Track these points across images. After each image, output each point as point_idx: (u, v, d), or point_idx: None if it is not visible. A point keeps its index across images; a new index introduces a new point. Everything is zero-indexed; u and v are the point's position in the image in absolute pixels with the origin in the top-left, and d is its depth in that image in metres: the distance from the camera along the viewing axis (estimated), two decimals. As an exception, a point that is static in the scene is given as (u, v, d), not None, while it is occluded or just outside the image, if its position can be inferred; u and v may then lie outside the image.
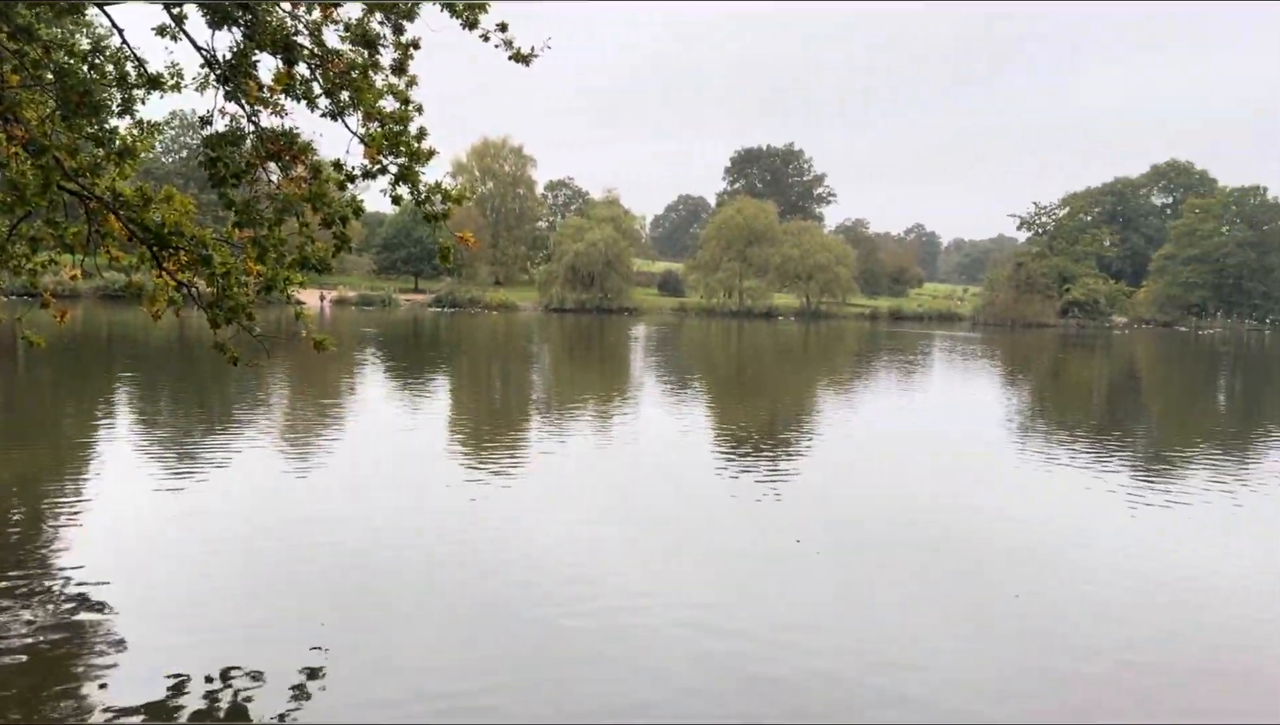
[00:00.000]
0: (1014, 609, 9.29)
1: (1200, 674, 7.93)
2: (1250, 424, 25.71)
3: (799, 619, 8.85)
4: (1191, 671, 7.97)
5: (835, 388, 30.53)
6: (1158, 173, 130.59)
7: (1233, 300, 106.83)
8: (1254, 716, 7.20)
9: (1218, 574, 10.66)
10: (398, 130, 7.89)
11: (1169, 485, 15.45)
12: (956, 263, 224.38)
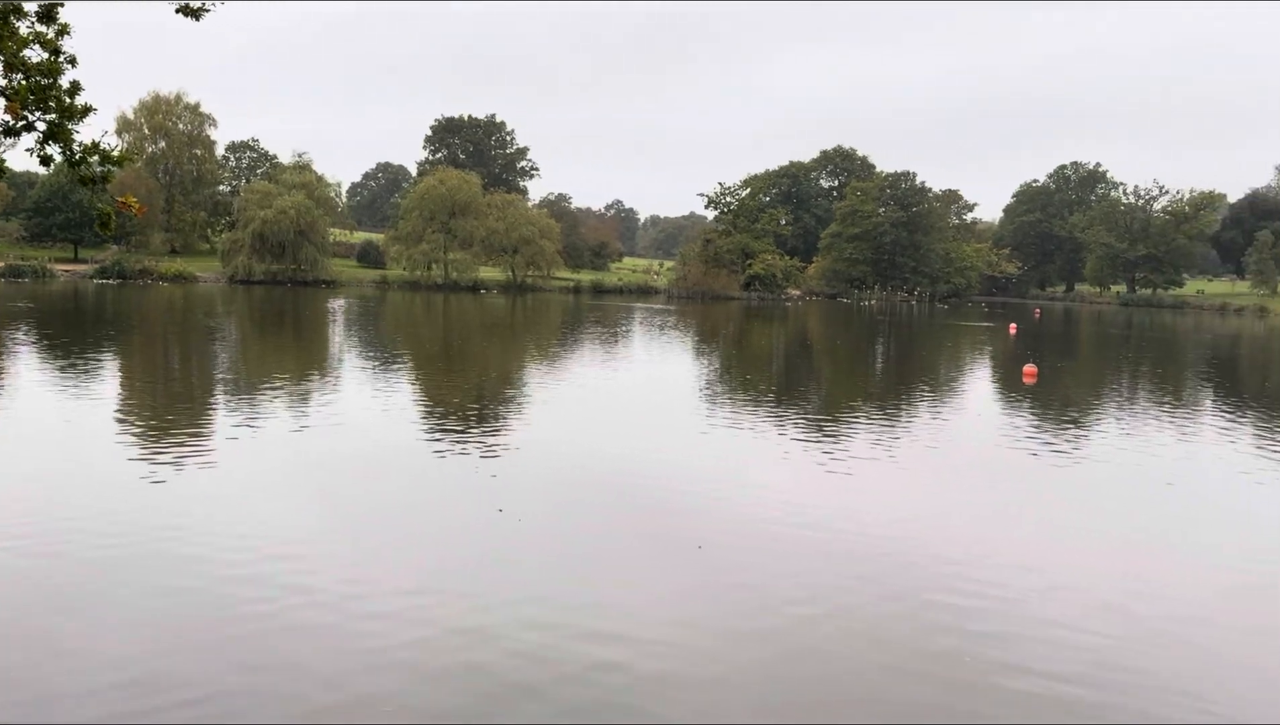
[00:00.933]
0: (700, 561, 9.97)
1: (878, 608, 8.91)
2: (903, 382, 29.10)
3: (507, 594, 8.96)
4: (871, 605, 8.93)
5: (542, 360, 31.00)
6: (826, 158, 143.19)
7: (888, 274, 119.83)
8: (931, 642, 8.21)
9: (880, 516, 12.03)
10: (46, 83, 7.00)
11: (837, 440, 17.17)
12: (653, 238, 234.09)
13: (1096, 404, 25.56)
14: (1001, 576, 9.84)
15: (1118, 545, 11.39)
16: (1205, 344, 55.42)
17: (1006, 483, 14.87)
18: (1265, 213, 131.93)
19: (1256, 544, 11.75)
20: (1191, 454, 18.04)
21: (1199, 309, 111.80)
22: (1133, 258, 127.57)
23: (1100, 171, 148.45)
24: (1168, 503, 13.88)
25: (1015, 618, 8.74)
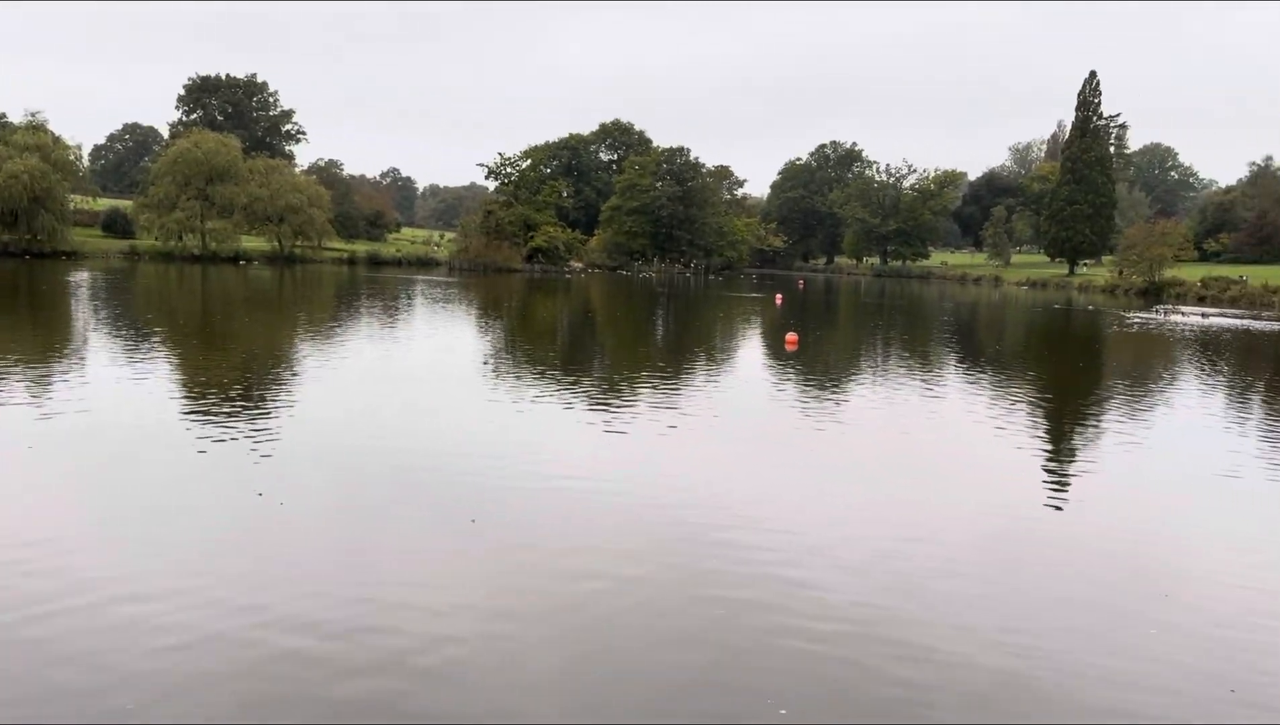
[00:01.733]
0: (479, 535, 9.93)
1: (662, 576, 9.16)
2: (682, 352, 30.04)
3: (262, 580, 8.56)
4: (655, 574, 9.17)
5: (315, 335, 29.62)
6: (605, 131, 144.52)
7: (667, 247, 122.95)
8: (705, 609, 8.52)
9: (661, 483, 12.39)
10: None
11: (621, 410, 17.51)
12: (433, 208, 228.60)
13: (854, 367, 27.42)
14: (777, 540, 10.34)
15: (885, 501, 12.27)
16: (948, 311, 60.64)
17: (780, 446, 15.68)
18: (999, 190, 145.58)
19: (1007, 493, 13.02)
20: (938, 409, 19.73)
21: (943, 279, 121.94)
22: (885, 232, 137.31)
23: (857, 151, 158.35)
24: (927, 458, 15.10)
25: (793, 577, 9.25)
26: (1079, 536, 10.88)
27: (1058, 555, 10.19)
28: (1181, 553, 10.51)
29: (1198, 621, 8.43)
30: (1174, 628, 8.25)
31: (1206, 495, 13.18)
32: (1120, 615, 8.49)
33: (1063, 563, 9.93)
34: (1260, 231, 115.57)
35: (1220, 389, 25.58)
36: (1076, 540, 10.72)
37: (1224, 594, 9.14)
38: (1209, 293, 78.43)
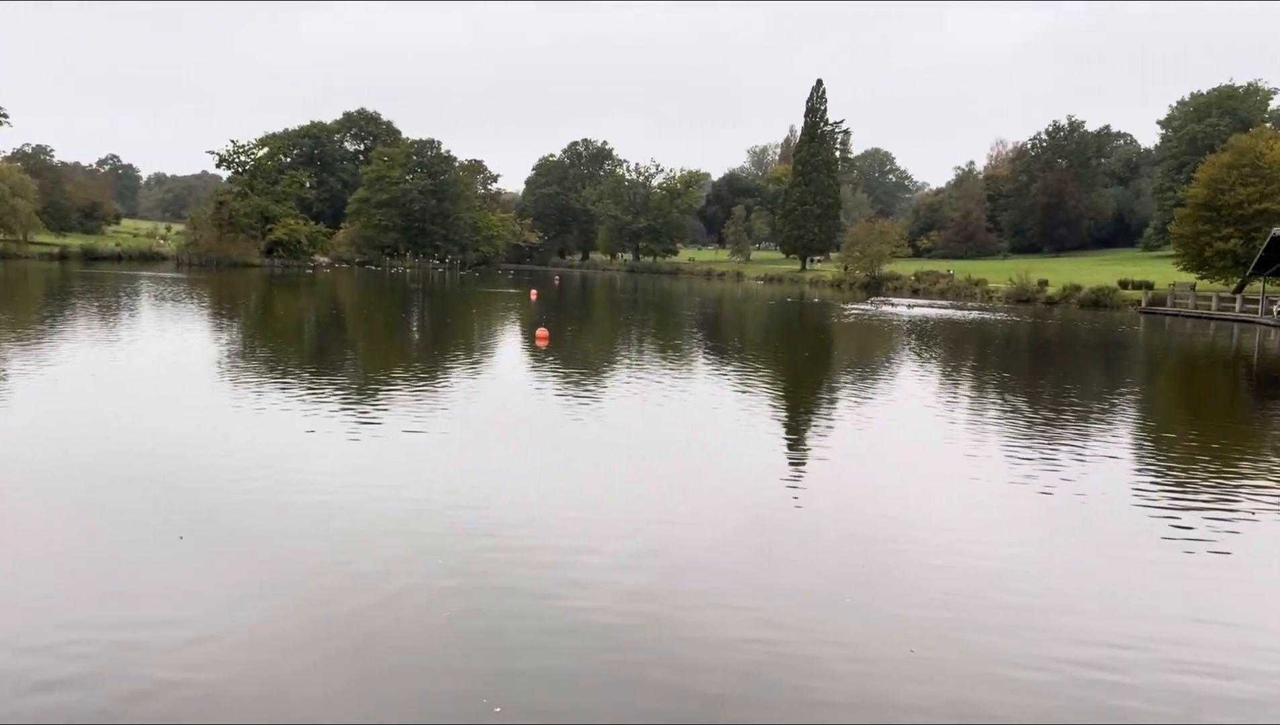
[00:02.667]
0: (213, 548, 9.28)
1: (407, 571, 8.88)
2: (437, 349, 29.43)
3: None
4: (400, 571, 8.88)
5: (20, 340, 26.46)
6: (350, 120, 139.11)
7: (420, 241, 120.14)
8: (475, 619, 8.34)
9: (418, 486, 12.05)
10: None
11: (374, 412, 16.88)
12: (159, 199, 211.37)
13: (609, 362, 27.98)
14: (539, 540, 10.33)
15: (647, 493, 12.55)
16: (696, 305, 63.26)
17: (535, 444, 15.69)
18: (739, 190, 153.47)
19: (756, 482, 13.69)
20: (688, 399, 20.49)
21: (691, 274, 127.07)
22: (637, 228, 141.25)
23: (608, 149, 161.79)
24: (680, 450, 15.60)
25: (561, 576, 9.27)
26: (822, 523, 11.63)
27: (805, 539, 10.85)
28: (913, 526, 11.48)
29: (928, 596, 9.24)
30: (907, 602, 9.00)
31: (931, 472, 14.49)
32: (860, 597, 9.15)
33: (810, 546, 10.58)
34: (965, 230, 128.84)
35: (932, 371, 28.26)
36: (821, 525, 11.45)
37: (953, 569, 10.08)
38: (921, 286, 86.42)
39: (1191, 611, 8.80)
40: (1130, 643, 7.97)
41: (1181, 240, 70.74)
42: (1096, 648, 7.80)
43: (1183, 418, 22.09)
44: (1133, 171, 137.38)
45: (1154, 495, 13.07)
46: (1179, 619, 8.60)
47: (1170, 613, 8.76)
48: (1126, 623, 8.43)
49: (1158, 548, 10.70)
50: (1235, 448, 17.31)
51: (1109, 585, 9.48)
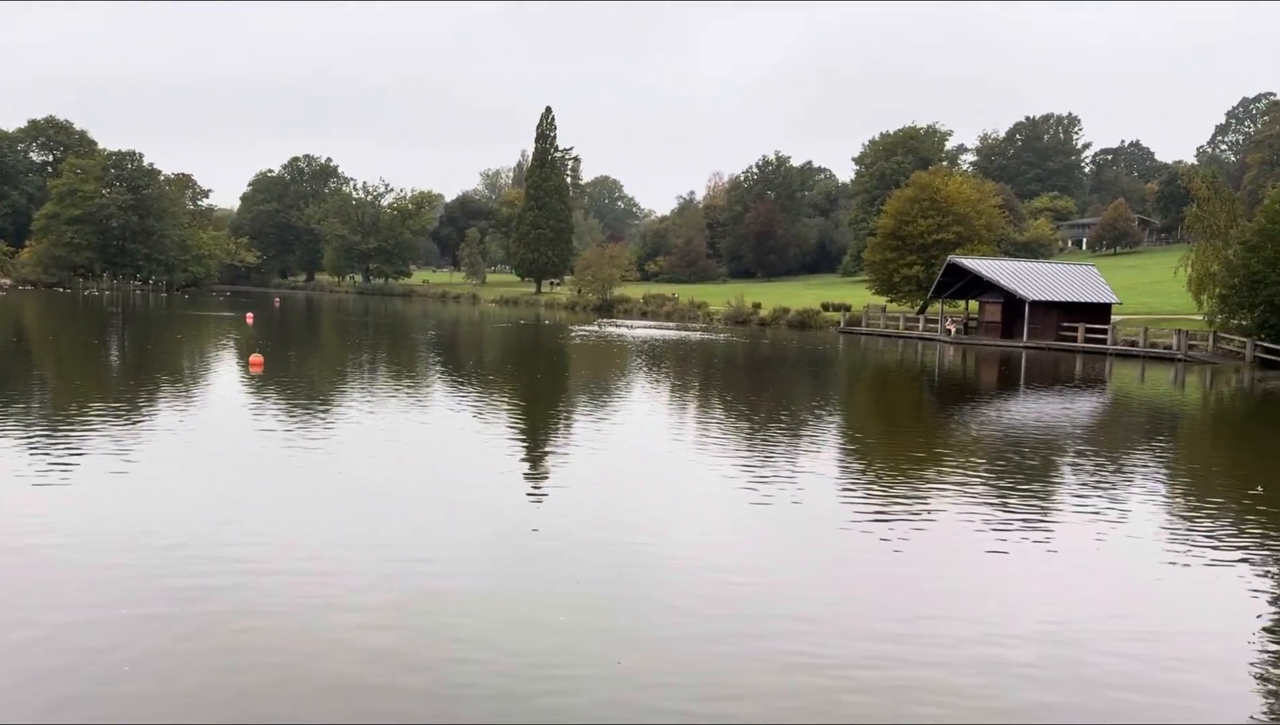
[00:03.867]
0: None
1: (171, 628, 8.19)
2: (138, 378, 27.07)
3: None
4: (131, 621, 8.17)
5: None
6: (36, 129, 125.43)
7: (119, 261, 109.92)
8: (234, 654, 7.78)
9: (146, 527, 11.10)
10: None
11: (68, 450, 15.34)
12: None
13: (335, 387, 26.98)
14: (274, 579, 9.86)
15: (384, 523, 12.24)
16: (431, 327, 62.29)
17: (264, 477, 14.89)
18: (473, 213, 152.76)
19: (500, 503, 13.70)
20: (424, 420, 20.21)
21: (425, 297, 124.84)
22: (366, 249, 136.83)
23: (332, 166, 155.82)
24: (420, 475, 15.34)
25: (307, 606, 8.88)
26: (573, 535, 11.89)
27: (561, 555, 11.05)
28: (656, 539, 11.99)
29: (690, 600, 9.70)
30: (670, 610, 9.41)
31: (668, 485, 15.18)
32: (620, 611, 9.46)
33: (567, 562, 10.78)
34: (688, 256, 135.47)
35: (661, 390, 29.58)
36: (572, 539, 11.70)
37: (710, 574, 10.64)
38: (650, 308, 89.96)
39: (908, 602, 9.85)
40: (857, 640, 8.81)
41: (873, 266, 78.19)
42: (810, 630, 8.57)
43: (879, 425, 24.53)
44: (832, 204, 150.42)
45: (860, 497, 14.45)
46: (892, 608, 9.61)
47: (883, 604, 9.77)
48: (852, 621, 9.30)
49: (869, 546, 11.86)
50: (925, 450, 19.46)
51: (830, 587, 10.41)
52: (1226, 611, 9.75)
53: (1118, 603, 9.95)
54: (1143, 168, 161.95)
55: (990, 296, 60.02)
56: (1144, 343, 50.59)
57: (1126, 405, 32.15)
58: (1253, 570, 11.07)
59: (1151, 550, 11.93)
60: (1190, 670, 8.21)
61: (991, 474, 16.48)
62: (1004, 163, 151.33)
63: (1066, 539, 12.31)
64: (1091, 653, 8.38)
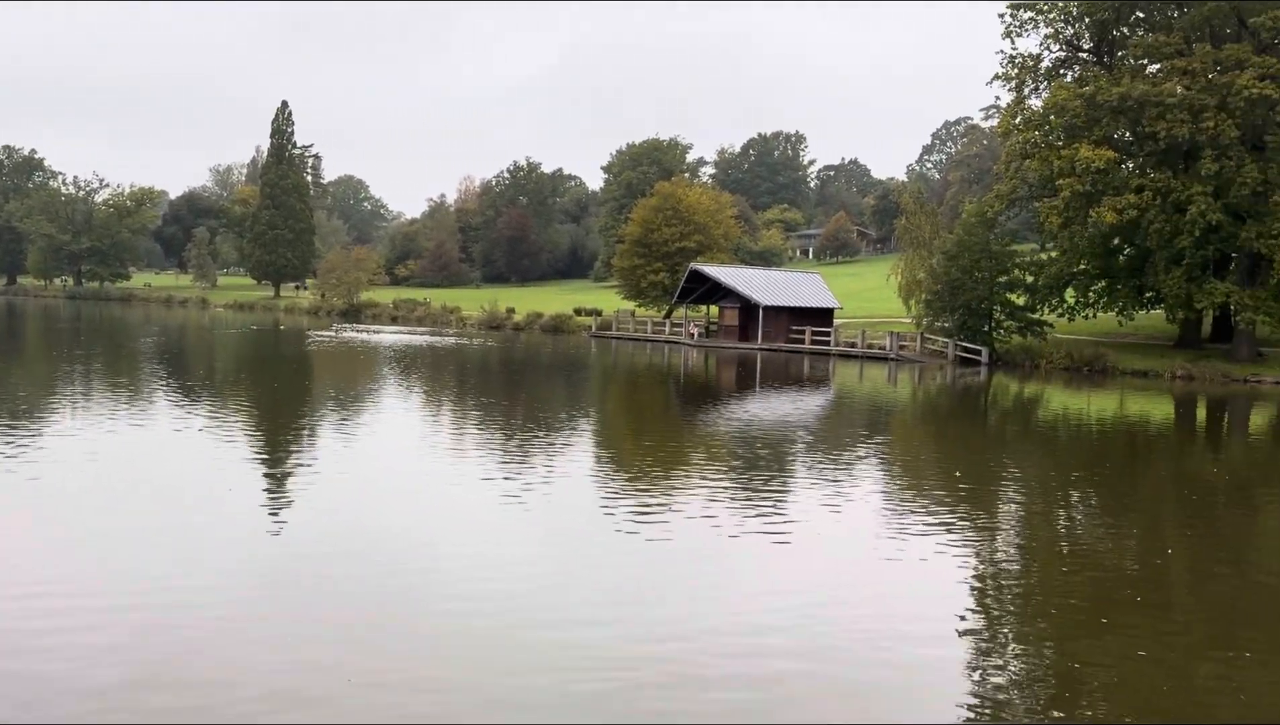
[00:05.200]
0: None
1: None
2: None
3: None
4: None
5: None
6: None
7: None
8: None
9: None
10: None
11: None
12: None
13: (43, 400, 24.44)
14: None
15: (115, 546, 11.26)
16: (153, 334, 57.48)
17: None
18: (201, 211, 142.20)
19: (252, 525, 12.92)
20: (142, 436, 18.72)
21: (147, 301, 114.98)
22: (78, 250, 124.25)
23: (37, 159, 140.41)
24: (135, 492, 14.21)
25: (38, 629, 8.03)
26: (320, 548, 11.45)
27: (309, 569, 10.61)
28: (419, 547, 11.77)
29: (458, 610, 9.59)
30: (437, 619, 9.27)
31: (423, 494, 14.95)
32: (386, 623, 9.23)
33: (315, 577, 10.37)
34: (439, 259, 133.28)
35: (415, 396, 29.01)
36: (319, 552, 11.26)
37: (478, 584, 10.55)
38: (400, 313, 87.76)
39: (669, 597, 10.29)
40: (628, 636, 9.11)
41: (622, 273, 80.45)
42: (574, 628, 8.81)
43: (630, 425, 25.35)
44: (583, 210, 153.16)
45: (615, 497, 14.92)
46: (642, 599, 10.02)
47: (643, 599, 10.17)
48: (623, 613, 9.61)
49: (626, 545, 12.29)
50: (673, 448, 20.33)
51: (590, 586, 10.69)
52: (942, 590, 10.96)
53: (852, 586, 10.92)
54: (861, 183, 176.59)
55: (729, 302, 63.37)
56: (862, 344, 55.28)
57: (848, 402, 35.07)
58: (961, 549, 12.50)
59: (879, 534, 13.17)
60: (920, 644, 9.17)
61: (732, 469, 17.52)
62: (739, 176, 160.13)
63: (803, 527, 13.33)
64: (833, 633, 9.18)
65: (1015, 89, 51.80)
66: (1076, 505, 16.46)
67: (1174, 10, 47.88)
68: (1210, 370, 43.16)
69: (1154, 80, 44.93)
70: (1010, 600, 10.54)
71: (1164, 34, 46.15)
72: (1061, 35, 50.87)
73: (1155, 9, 49.00)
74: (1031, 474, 19.40)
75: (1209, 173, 41.90)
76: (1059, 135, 47.93)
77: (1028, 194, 52.67)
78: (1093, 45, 51.02)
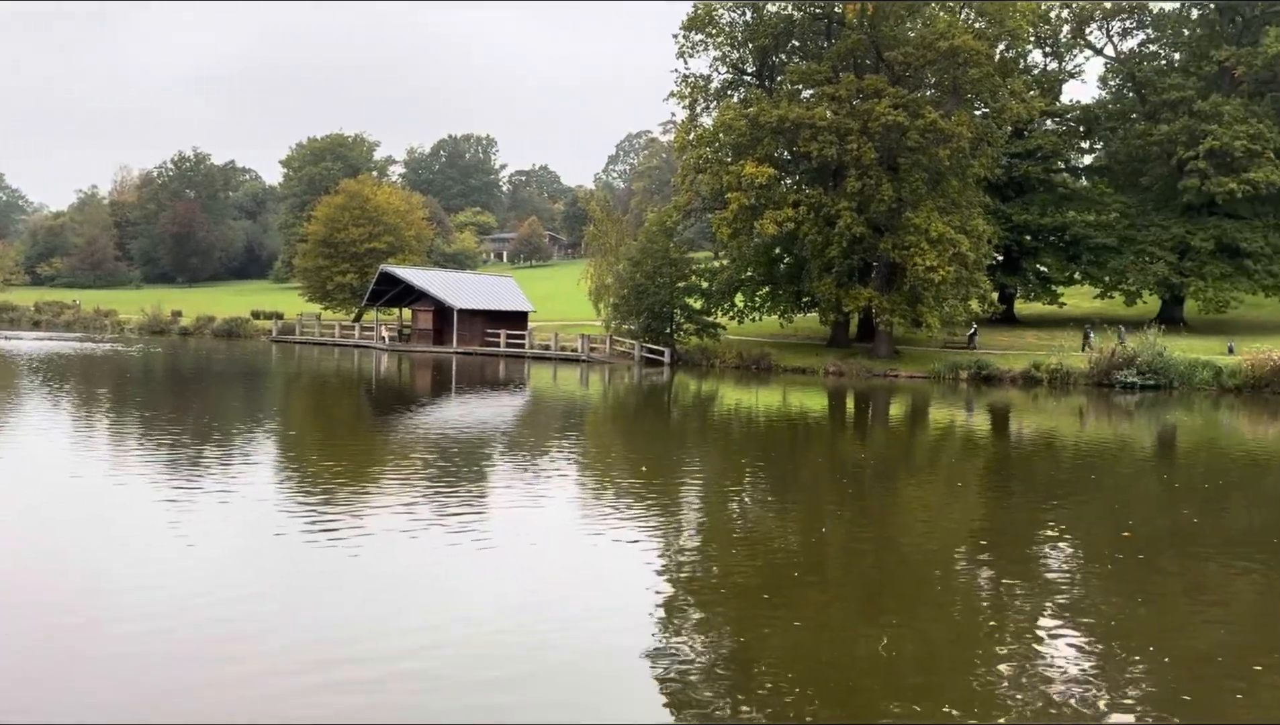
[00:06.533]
0: None
1: None
2: None
3: None
4: None
5: None
6: None
7: None
8: None
9: None
10: None
11: None
12: None
13: None
14: None
15: None
16: None
17: None
18: None
19: None
20: None
21: None
22: None
23: None
24: None
25: None
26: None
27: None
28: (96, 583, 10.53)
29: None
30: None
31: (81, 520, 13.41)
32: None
33: None
34: (91, 257, 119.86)
35: (62, 411, 25.91)
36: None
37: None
38: (44, 317, 78.03)
39: (367, 609, 9.95)
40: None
41: (306, 273, 76.76)
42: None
43: (318, 434, 24.24)
44: (260, 206, 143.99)
45: (302, 509, 14.23)
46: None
47: (334, 614, 9.79)
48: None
49: (317, 557, 11.76)
50: (365, 456, 19.71)
51: (276, 601, 10.13)
52: (632, 581, 11.54)
53: (548, 582, 11.22)
54: (552, 189, 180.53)
55: (422, 304, 62.40)
56: (555, 347, 56.64)
57: (543, 403, 35.80)
58: (648, 540, 13.22)
59: (573, 531, 13.61)
60: (616, 634, 9.60)
61: (429, 474, 17.34)
62: (431, 177, 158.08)
63: (501, 531, 13.48)
64: (536, 628, 9.39)
65: (689, 107, 55.32)
66: (748, 491, 17.95)
67: (824, 41, 53.31)
68: (857, 367, 48.52)
69: (808, 104, 49.79)
70: (690, 585, 11.34)
71: (816, 62, 51.28)
72: (728, 59, 54.95)
73: (809, 39, 54.28)
74: (709, 465, 20.88)
75: (853, 190, 47.11)
76: (728, 152, 51.78)
77: (702, 206, 56.43)
78: (755, 69, 55.55)
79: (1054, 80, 63.10)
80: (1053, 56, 63.90)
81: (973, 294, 50.49)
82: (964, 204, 49.85)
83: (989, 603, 11.06)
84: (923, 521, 15.48)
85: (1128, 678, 8.62)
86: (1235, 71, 54.84)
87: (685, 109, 55.48)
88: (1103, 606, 10.86)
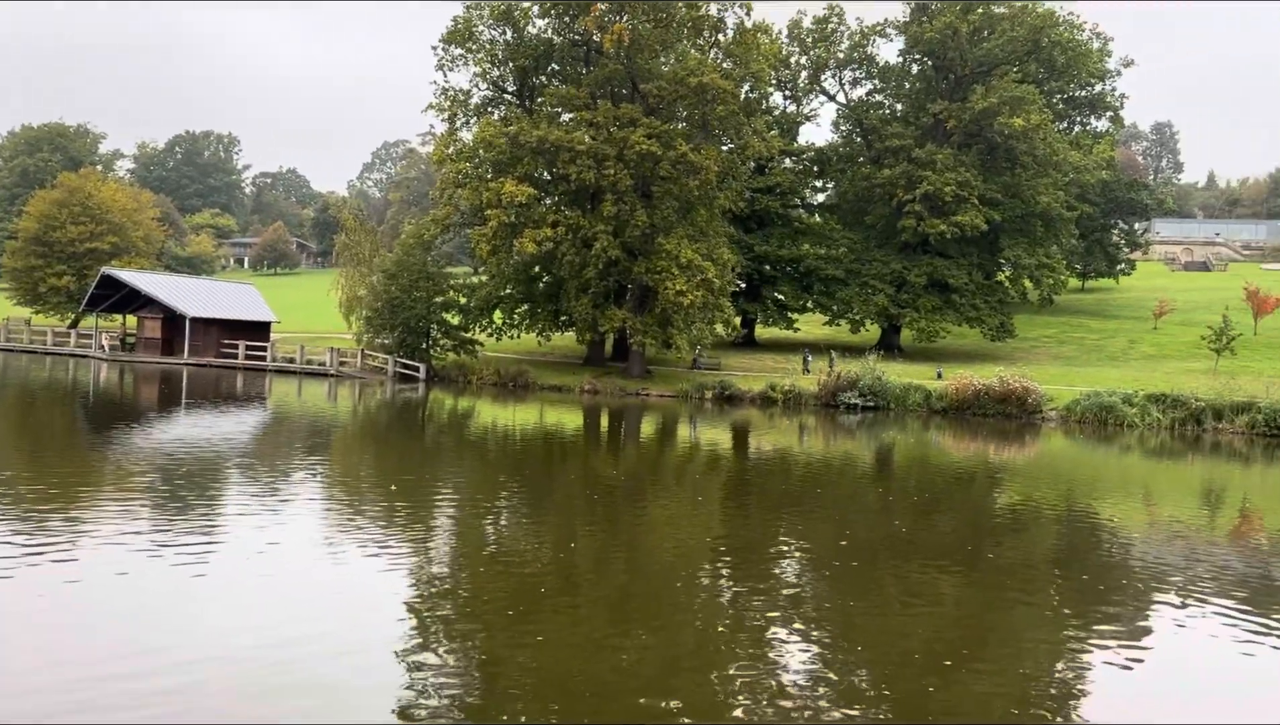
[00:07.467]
0: None
1: None
2: None
3: None
4: None
5: None
6: None
7: None
8: None
9: None
10: None
11: None
12: None
13: None
14: None
15: None
16: None
17: None
18: None
19: None
20: None
21: None
22: None
23: None
24: None
25: None
26: None
27: None
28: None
29: None
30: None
31: None
32: None
33: None
34: None
35: None
36: None
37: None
38: None
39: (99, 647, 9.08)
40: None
41: (15, 274, 69.09)
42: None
43: (25, 455, 21.84)
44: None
45: (6, 539, 12.84)
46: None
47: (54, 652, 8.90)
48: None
49: (21, 590, 10.65)
50: (80, 478, 17.99)
51: None
52: (379, 603, 11.29)
53: (287, 611, 10.76)
54: (300, 194, 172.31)
55: (150, 311, 57.68)
56: (301, 360, 54.07)
57: (286, 420, 34.08)
58: (397, 561, 12.97)
59: (314, 556, 13.12)
60: (368, 663, 9.35)
61: (152, 498, 16.14)
62: (164, 174, 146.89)
63: (231, 555, 12.78)
64: (276, 663, 8.99)
65: (448, 120, 54.76)
66: (501, 509, 18.02)
67: (583, 67, 54.51)
68: (611, 385, 49.74)
69: (567, 128, 50.69)
70: (439, 604, 11.28)
71: (575, 87, 52.33)
72: (489, 75, 54.93)
73: (568, 63, 55.29)
74: (463, 483, 20.76)
75: (610, 214, 48.42)
76: (488, 169, 51.71)
77: (461, 221, 55.93)
78: (516, 88, 55.90)
79: (793, 122, 67.83)
80: (792, 100, 68.66)
81: (718, 318, 53.16)
82: (711, 233, 52.45)
83: (728, 608, 11.78)
84: (668, 535, 16.19)
85: (845, 675, 9.49)
86: (948, 124, 61.23)
87: (445, 121, 54.87)
88: (826, 608, 11.85)
